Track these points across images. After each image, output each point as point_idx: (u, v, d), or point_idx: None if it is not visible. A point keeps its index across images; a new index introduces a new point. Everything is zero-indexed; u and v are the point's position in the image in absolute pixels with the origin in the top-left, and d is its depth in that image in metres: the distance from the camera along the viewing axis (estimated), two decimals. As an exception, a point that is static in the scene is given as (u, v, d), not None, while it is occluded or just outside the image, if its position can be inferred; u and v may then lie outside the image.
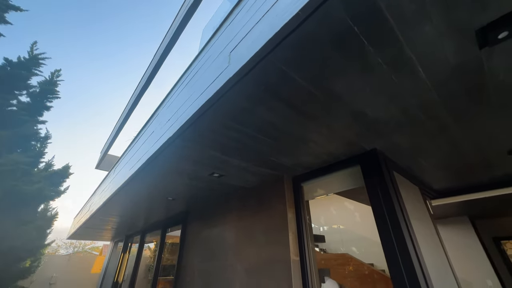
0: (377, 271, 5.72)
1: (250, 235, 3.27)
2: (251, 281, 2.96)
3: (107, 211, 5.26)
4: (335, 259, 6.29)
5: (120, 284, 8.21)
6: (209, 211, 4.40)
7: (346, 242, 7.20)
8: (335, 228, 7.56)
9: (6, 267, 3.39)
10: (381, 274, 5.63)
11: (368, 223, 6.70)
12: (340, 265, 6.33)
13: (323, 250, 7.36)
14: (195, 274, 4.05)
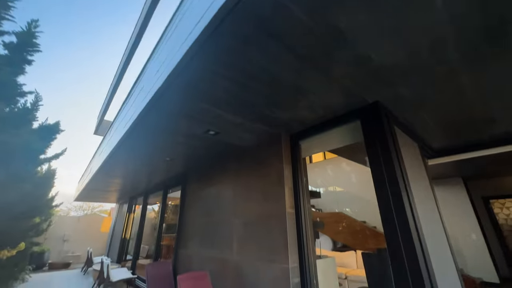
0: (369, 228, 6.04)
1: (247, 192, 3.33)
2: (248, 233, 3.09)
3: (107, 173, 5.33)
4: (330, 217, 6.61)
5: (128, 240, 8.80)
6: (207, 171, 4.44)
7: (341, 202, 7.50)
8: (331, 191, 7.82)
9: (14, 222, 3.52)
10: (372, 230, 5.97)
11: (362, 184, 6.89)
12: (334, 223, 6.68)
13: (319, 210, 7.72)
14: (195, 229, 4.26)
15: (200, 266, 3.82)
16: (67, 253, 10.54)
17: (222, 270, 3.34)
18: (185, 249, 4.42)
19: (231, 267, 3.19)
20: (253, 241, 2.97)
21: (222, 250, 3.46)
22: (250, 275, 2.87)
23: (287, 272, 2.45)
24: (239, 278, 3.01)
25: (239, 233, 3.24)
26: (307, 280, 2.48)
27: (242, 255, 3.08)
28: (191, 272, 3.27)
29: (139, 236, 7.43)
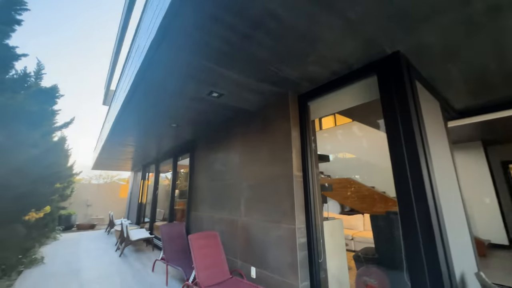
0: (377, 192, 6.03)
1: (254, 156, 3.27)
2: (255, 195, 3.11)
3: (116, 141, 5.40)
4: (338, 183, 6.62)
5: (144, 205, 9.36)
6: (214, 137, 4.39)
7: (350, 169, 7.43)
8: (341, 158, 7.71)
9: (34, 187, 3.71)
10: (381, 195, 5.96)
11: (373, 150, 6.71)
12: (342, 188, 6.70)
13: (328, 176, 7.72)
14: (205, 193, 4.37)
15: (210, 227, 4.00)
16: (91, 216, 11.44)
17: (231, 230, 3.46)
18: (196, 211, 4.60)
19: (240, 227, 3.30)
20: (260, 203, 2.99)
21: (230, 212, 3.55)
22: (257, 234, 2.95)
23: (294, 232, 2.47)
24: (247, 237, 3.11)
25: (247, 196, 3.27)
26: (313, 240, 2.51)
27: (250, 216, 3.14)
28: (202, 232, 3.41)
29: (154, 201, 7.85)
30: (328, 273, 2.60)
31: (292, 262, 2.43)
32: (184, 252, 4.25)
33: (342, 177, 7.59)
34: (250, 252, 3.04)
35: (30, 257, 4.86)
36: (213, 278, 2.98)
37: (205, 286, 2.80)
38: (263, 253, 2.82)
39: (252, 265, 2.97)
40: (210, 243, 3.28)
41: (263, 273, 2.77)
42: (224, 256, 3.25)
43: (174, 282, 3.71)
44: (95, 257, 5.36)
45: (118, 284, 3.68)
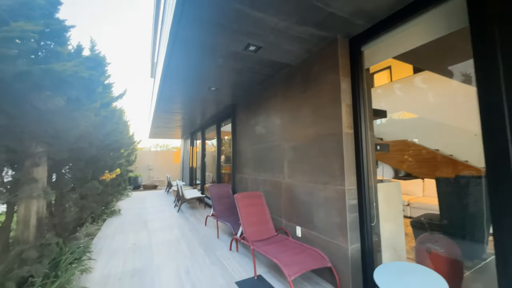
0: (442, 155, 5.23)
1: (296, 115, 3.02)
2: (299, 156, 2.95)
3: (164, 108, 5.72)
4: (393, 146, 5.94)
5: (195, 169, 10.22)
6: (253, 99, 4.22)
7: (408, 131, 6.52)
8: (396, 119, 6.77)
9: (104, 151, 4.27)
10: (447, 158, 5.15)
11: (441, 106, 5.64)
12: (398, 151, 6.01)
13: (380, 139, 6.98)
14: (248, 156, 4.40)
15: (255, 188, 4.08)
16: (153, 178, 13.17)
17: (275, 191, 3.46)
18: (240, 174, 4.74)
19: (284, 188, 3.25)
20: (304, 164, 2.83)
21: (274, 174, 3.51)
22: (302, 195, 2.86)
23: (343, 193, 2.28)
24: (292, 198, 3.06)
25: (290, 157, 3.14)
26: (365, 202, 2.28)
27: (294, 178, 3.04)
28: (248, 191, 3.49)
29: (203, 166, 8.45)
30: (381, 237, 2.40)
31: (341, 223, 2.29)
32: (231, 210, 4.53)
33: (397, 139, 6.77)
34: (294, 212, 3.01)
35: (110, 209, 5.90)
36: (259, 234, 3.10)
37: (252, 240, 2.94)
38: (309, 214, 2.74)
39: (297, 224, 2.95)
40: (255, 202, 3.36)
41: (309, 233, 2.74)
42: (269, 215, 3.32)
43: (224, 235, 4.03)
44: (158, 211, 6.21)
45: (178, 234, 4.20)
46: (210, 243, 3.68)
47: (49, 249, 2.57)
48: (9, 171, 2.48)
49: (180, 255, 3.24)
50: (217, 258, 3.12)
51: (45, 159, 2.98)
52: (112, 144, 5.06)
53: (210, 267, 2.85)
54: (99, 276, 2.69)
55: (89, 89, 2.47)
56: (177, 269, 2.83)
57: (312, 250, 2.54)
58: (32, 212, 2.74)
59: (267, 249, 2.68)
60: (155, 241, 3.87)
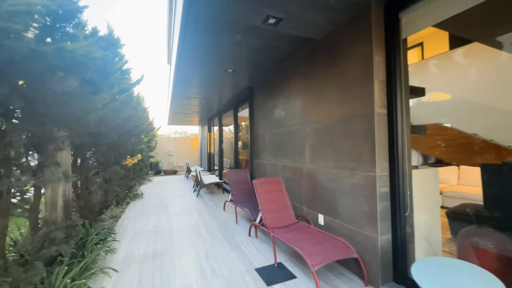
0: (482, 139, 4.71)
1: (320, 95, 2.77)
2: (322, 140, 2.73)
3: (181, 92, 5.66)
4: (424, 130, 5.45)
5: (213, 155, 10.30)
6: (272, 81, 3.99)
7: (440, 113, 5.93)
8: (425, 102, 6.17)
9: (124, 137, 4.34)
10: (487, 142, 4.63)
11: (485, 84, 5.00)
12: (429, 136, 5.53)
13: (407, 123, 6.46)
14: (266, 141, 4.24)
15: (273, 174, 3.95)
16: (173, 163, 13.55)
17: (295, 177, 3.30)
18: (258, 159, 4.62)
19: (305, 174, 3.08)
20: (328, 149, 2.62)
21: (294, 159, 3.34)
22: (325, 182, 2.68)
23: (373, 180, 2.07)
24: (314, 185, 2.89)
25: (311, 141, 2.93)
26: (399, 190, 2.06)
27: (316, 163, 2.85)
28: (266, 177, 3.37)
29: (220, 152, 8.46)
30: (414, 229, 2.18)
31: (370, 213, 2.10)
32: (250, 196, 4.47)
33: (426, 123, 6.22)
34: (317, 199, 2.84)
35: (133, 192, 6.12)
36: (279, 221, 2.99)
37: (271, 227, 2.84)
38: (332, 201, 2.57)
39: (319, 212, 2.80)
40: (274, 188, 3.24)
41: (333, 221, 2.57)
42: (289, 201, 3.19)
43: (243, 221, 4.00)
44: (178, 196, 6.35)
45: (197, 218, 4.24)
46: (229, 228, 3.66)
47: (75, 230, 2.67)
48: (34, 155, 2.54)
49: (199, 240, 3.25)
50: (236, 243, 3.09)
51: (68, 144, 3.04)
52: (132, 130, 5.13)
53: (229, 253, 2.82)
54: (123, 257, 2.76)
55: (104, 71, 2.40)
56: (196, 253, 2.83)
57: (336, 239, 2.39)
58: (59, 194, 2.83)
59: (288, 236, 2.58)
60: (175, 224, 3.93)
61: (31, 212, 2.37)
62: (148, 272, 2.42)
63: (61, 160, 2.86)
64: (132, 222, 4.11)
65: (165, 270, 2.45)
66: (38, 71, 1.67)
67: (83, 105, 2.18)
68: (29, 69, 1.63)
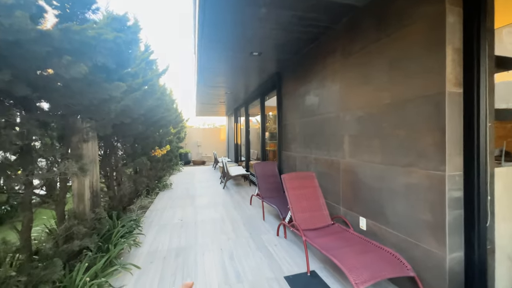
0: None
1: (363, 76, 2.28)
2: (366, 130, 2.26)
3: (206, 81, 5.46)
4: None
5: (240, 146, 10.15)
6: (303, 63, 3.53)
7: None
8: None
9: (152, 128, 4.31)
10: None
11: None
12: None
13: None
14: (296, 131, 3.84)
15: (304, 168, 3.57)
16: (201, 154, 13.81)
17: (331, 172, 2.88)
18: (287, 151, 4.25)
19: (343, 170, 2.65)
20: (375, 139, 2.15)
21: (329, 152, 2.91)
22: (370, 180, 2.23)
23: (441, 181, 1.59)
24: (354, 182, 2.45)
25: (352, 131, 2.47)
26: (478, 195, 1.55)
27: (358, 157, 2.40)
28: (296, 172, 3.01)
29: (247, 142, 8.23)
30: (495, 244, 1.67)
31: (434, 223, 1.63)
32: (278, 190, 4.16)
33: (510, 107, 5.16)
34: (357, 199, 2.42)
35: (162, 183, 6.23)
36: (312, 222, 2.64)
37: (303, 229, 2.51)
38: (379, 204, 2.12)
39: (361, 215, 2.37)
40: (306, 184, 2.87)
41: (379, 228, 2.14)
42: (323, 199, 2.80)
43: (271, 217, 3.72)
44: (205, 187, 6.32)
45: (223, 212, 4.08)
46: (255, 225, 3.41)
47: (100, 223, 2.64)
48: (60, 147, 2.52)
49: (224, 236, 3.06)
50: (263, 243, 2.82)
51: (94, 135, 3.02)
52: (160, 121, 5.11)
53: (255, 254, 2.56)
54: (147, 252, 2.68)
55: (119, 56, 2.22)
56: (220, 252, 2.64)
57: (384, 250, 1.96)
58: (86, 186, 2.82)
59: (323, 242, 2.22)
60: (200, 218, 3.81)
61: (57, 204, 2.36)
62: (170, 271, 2.28)
63: (86, 152, 2.84)
64: (159, 213, 4.10)
65: (187, 269, 2.29)
66: (43, 55, 1.52)
67: (98, 93, 2.03)
68: (33, 53, 1.47)
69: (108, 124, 2.75)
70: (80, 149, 2.68)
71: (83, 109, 2.21)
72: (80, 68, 1.65)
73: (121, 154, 4.25)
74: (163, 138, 5.81)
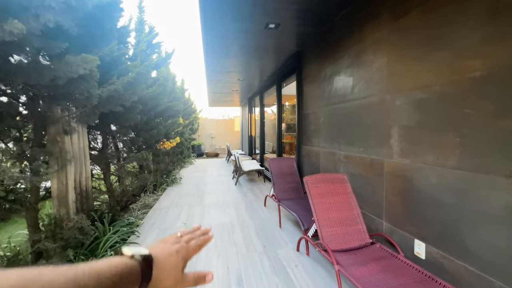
0: None
1: (432, 39, 1.56)
2: (430, 120, 1.57)
3: (216, 62, 4.88)
4: None
5: (254, 137, 9.57)
6: (332, 36, 2.81)
7: None
8: None
9: (156, 120, 3.84)
10: None
11: None
12: None
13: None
14: (320, 121, 3.16)
15: (331, 167, 2.92)
16: (215, 146, 13.44)
17: (369, 175, 2.22)
18: (309, 145, 3.60)
19: (388, 173, 1.98)
20: (448, 132, 1.46)
21: (367, 148, 2.24)
22: (437, 191, 1.56)
23: None
24: (408, 191, 1.79)
25: (405, 120, 1.78)
26: None
27: (413, 157, 1.72)
28: (322, 173, 2.39)
29: (262, 134, 7.63)
30: None
31: None
32: (297, 191, 3.55)
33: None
34: (412, 215, 1.76)
35: (171, 177, 5.84)
36: (344, 240, 2.02)
37: (333, 250, 1.90)
38: (452, 226, 1.46)
39: (417, 237, 1.72)
40: (336, 190, 2.24)
41: (449, 261, 1.48)
42: (358, 210, 2.16)
43: (288, 224, 3.14)
44: (216, 182, 5.85)
45: (233, 214, 3.57)
46: (270, 235, 2.85)
47: (83, 232, 2.20)
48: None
49: (232, 249, 2.53)
50: (279, 262, 2.26)
51: (79, 126, 2.57)
52: (166, 111, 4.63)
53: (270, 279, 2.01)
54: (138, 268, 2.21)
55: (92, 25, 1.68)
56: (227, 272, 2.11)
57: (464, 300, 1.31)
58: (69, 186, 2.39)
59: (363, 274, 1.60)
60: (208, 221, 3.32)
61: (27, 210, 1.94)
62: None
63: (68, 146, 2.39)
64: (162, 213, 3.67)
65: (183, 299, 1.78)
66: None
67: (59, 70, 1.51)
68: None
69: (93, 112, 2.26)
70: (59, 142, 2.23)
71: (49, 92, 1.72)
72: (15, 26, 1.12)
73: (122, 148, 3.84)
74: (170, 130, 5.36)
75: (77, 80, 1.69)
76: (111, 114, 2.85)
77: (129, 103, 2.61)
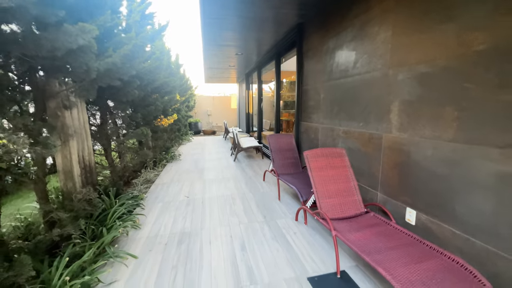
0: None
1: (440, 9, 1.54)
2: (431, 95, 1.60)
3: (213, 36, 4.69)
4: None
5: (252, 115, 9.53)
6: (335, 7, 2.71)
7: None
8: None
9: (151, 96, 3.77)
10: None
11: None
12: None
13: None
14: (320, 97, 3.17)
15: (330, 142, 2.98)
16: (212, 124, 13.36)
17: (368, 150, 2.30)
18: (308, 121, 3.63)
19: (386, 147, 2.05)
20: (447, 106, 1.51)
21: (367, 123, 2.28)
22: (431, 163, 1.64)
23: None
24: (404, 163, 1.88)
25: (407, 95, 1.81)
26: None
27: (411, 131, 1.78)
28: (322, 148, 2.46)
29: (260, 112, 7.59)
30: None
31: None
32: (295, 166, 3.66)
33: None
34: (406, 186, 1.86)
35: (170, 154, 5.90)
36: (341, 209, 2.15)
37: (330, 218, 2.04)
38: (442, 195, 1.57)
39: (409, 206, 1.84)
40: (334, 163, 2.33)
41: (437, 225, 1.62)
42: (355, 182, 2.27)
43: (287, 197, 3.29)
44: (215, 159, 5.94)
45: (233, 188, 3.69)
46: (270, 206, 3.00)
47: (91, 204, 2.28)
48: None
49: (234, 219, 2.67)
50: (279, 230, 2.41)
51: (78, 101, 2.53)
52: (163, 87, 4.53)
53: (271, 245, 2.16)
54: (146, 236, 2.35)
55: None
56: (230, 240, 2.26)
57: (449, 259, 1.46)
58: (73, 161, 2.42)
59: (358, 238, 1.74)
60: (209, 195, 3.44)
61: (35, 183, 1.99)
62: (171, 263, 1.94)
63: (69, 121, 2.38)
64: (165, 188, 3.78)
65: (190, 264, 1.93)
66: None
67: (58, 41, 1.46)
68: None
69: (91, 86, 2.22)
70: (60, 117, 2.22)
71: (46, 64, 1.67)
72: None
73: (121, 124, 3.81)
74: (167, 106, 5.29)
75: (76, 52, 1.64)
76: (108, 89, 2.80)
77: (127, 77, 2.56)
